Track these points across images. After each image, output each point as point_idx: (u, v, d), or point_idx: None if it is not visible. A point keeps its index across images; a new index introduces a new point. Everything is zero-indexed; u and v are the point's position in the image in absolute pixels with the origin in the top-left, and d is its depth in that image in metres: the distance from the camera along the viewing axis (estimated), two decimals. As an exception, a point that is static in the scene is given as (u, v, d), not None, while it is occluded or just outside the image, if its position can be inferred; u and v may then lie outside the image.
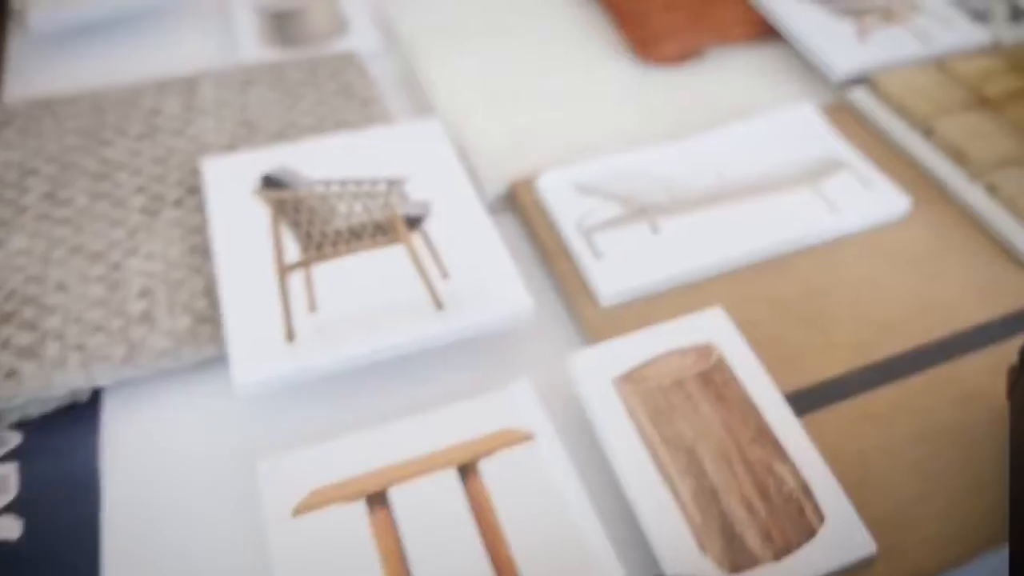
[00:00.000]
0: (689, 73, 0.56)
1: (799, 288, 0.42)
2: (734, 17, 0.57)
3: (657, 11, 0.57)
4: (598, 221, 0.44)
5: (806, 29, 0.55)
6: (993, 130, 0.48)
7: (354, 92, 0.52)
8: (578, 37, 0.58)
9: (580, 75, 0.55)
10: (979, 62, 0.53)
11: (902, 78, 0.52)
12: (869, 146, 0.50)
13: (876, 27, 0.56)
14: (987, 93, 0.50)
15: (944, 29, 0.57)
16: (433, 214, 0.43)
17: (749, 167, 0.47)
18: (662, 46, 0.55)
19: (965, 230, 0.45)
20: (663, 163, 0.47)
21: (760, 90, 0.55)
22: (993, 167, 0.46)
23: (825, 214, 0.44)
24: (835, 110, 0.53)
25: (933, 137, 0.48)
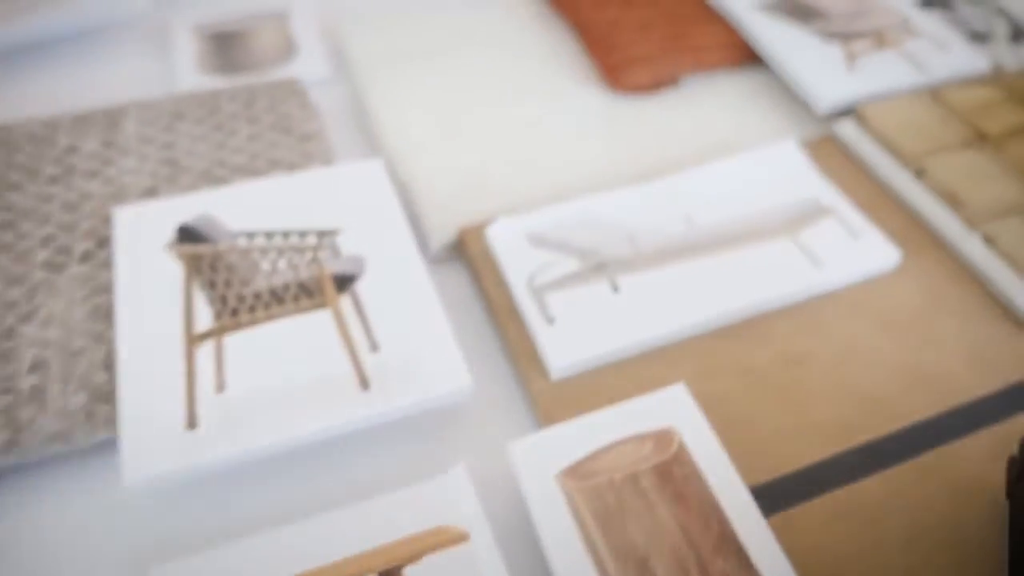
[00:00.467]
0: (663, 103, 0.51)
1: (774, 355, 0.37)
2: (713, 41, 0.53)
3: (628, 34, 0.53)
4: (551, 279, 0.39)
5: (790, 55, 0.51)
6: (991, 172, 0.44)
7: (293, 126, 0.47)
8: (543, 62, 0.54)
9: (543, 105, 0.51)
10: (977, 92, 0.49)
11: (893, 110, 0.47)
12: (856, 186, 0.45)
13: (867, 52, 0.52)
14: (985, 128, 0.46)
15: (940, 54, 0.52)
16: (367, 271, 0.38)
17: (723, 212, 0.42)
18: (633, 73, 0.51)
19: (961, 286, 0.40)
20: (629, 208, 0.42)
21: (740, 121, 0.50)
22: (991, 215, 0.42)
23: (806, 268, 0.40)
24: (821, 144, 0.48)
25: (925, 178, 0.44)
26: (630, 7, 0.55)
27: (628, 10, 0.55)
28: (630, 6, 0.55)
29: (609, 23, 0.53)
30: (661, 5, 0.55)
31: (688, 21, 0.54)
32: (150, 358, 0.34)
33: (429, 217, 0.44)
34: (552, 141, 0.48)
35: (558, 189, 0.45)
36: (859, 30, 0.53)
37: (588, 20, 0.54)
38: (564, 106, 0.51)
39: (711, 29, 0.54)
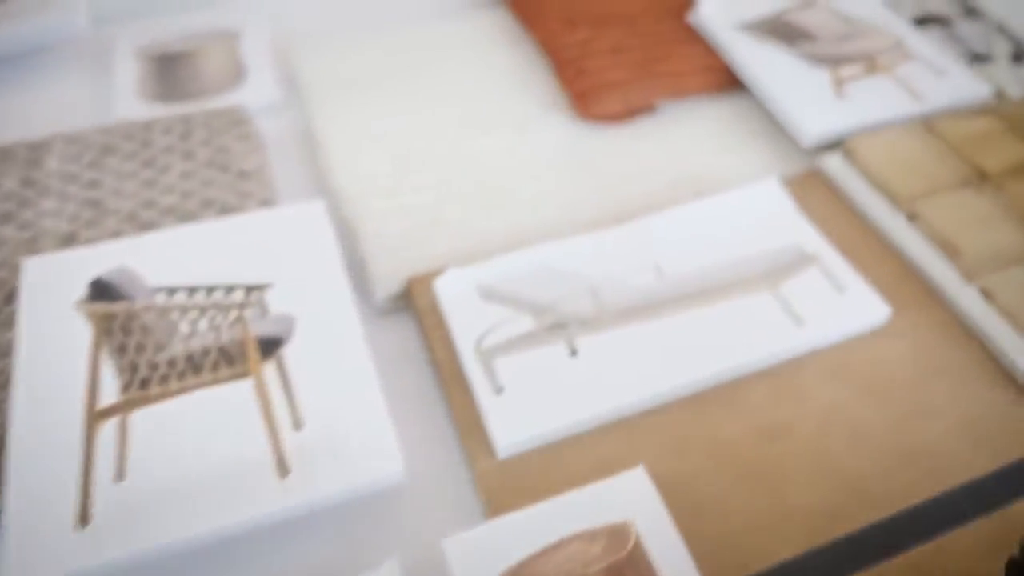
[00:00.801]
0: (636, 132, 0.47)
1: (748, 428, 0.34)
2: (691, 65, 0.49)
3: (600, 57, 0.49)
4: (502, 340, 0.35)
5: (774, 82, 0.47)
6: (991, 216, 0.40)
7: (231, 162, 0.43)
8: (510, 87, 0.50)
9: (507, 136, 0.47)
10: (976, 123, 0.45)
11: (884, 144, 0.44)
12: (843, 228, 0.41)
13: (857, 78, 0.48)
14: (985, 165, 0.42)
15: (937, 80, 0.48)
16: (297, 333, 0.35)
17: (697, 261, 0.39)
18: (603, 101, 0.47)
19: (956, 346, 0.37)
20: (593, 255, 0.39)
21: (720, 153, 0.46)
22: (990, 267, 0.38)
23: (786, 326, 0.36)
24: (806, 179, 0.44)
25: (918, 222, 0.40)
26: (603, 26, 0.51)
27: (601, 30, 0.51)
28: (603, 25, 0.51)
29: (579, 44, 0.50)
30: (637, 24, 0.52)
31: (665, 43, 0.50)
32: (46, 438, 0.31)
33: (375, 264, 0.40)
34: (514, 177, 0.44)
35: (518, 231, 0.42)
36: (849, 54, 0.49)
37: (557, 41, 0.50)
38: (530, 137, 0.47)
39: (690, 51, 0.50)
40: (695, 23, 0.52)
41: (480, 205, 0.43)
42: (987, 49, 0.56)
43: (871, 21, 0.52)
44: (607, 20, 0.52)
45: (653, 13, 0.53)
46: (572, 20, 0.51)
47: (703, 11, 0.51)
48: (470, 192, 0.43)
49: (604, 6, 0.53)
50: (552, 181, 0.44)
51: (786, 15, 0.52)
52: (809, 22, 0.51)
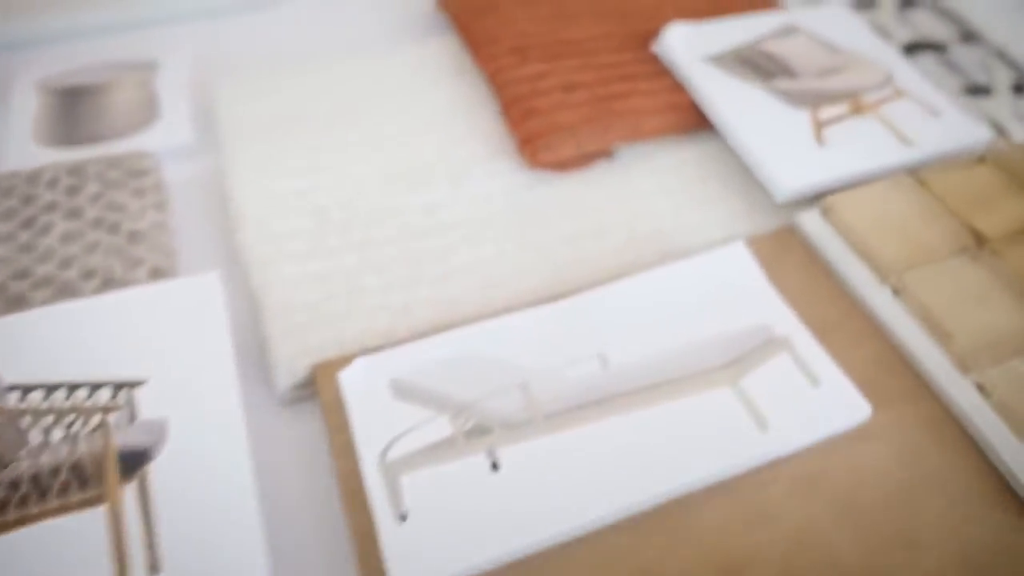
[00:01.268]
0: (591, 181, 0.42)
1: (699, 561, 0.28)
2: (655, 104, 0.43)
3: (551, 94, 0.43)
4: (411, 452, 0.30)
5: (746, 125, 0.41)
6: (988, 292, 0.34)
7: (123, 221, 0.38)
8: (450, 130, 0.45)
9: (444, 188, 0.41)
10: (973, 175, 0.40)
11: (867, 202, 0.38)
12: (819, 300, 0.36)
13: (840, 119, 0.42)
14: (982, 227, 0.37)
15: (930, 122, 0.43)
16: (170, 442, 0.29)
17: (647, 347, 0.33)
18: (554, 147, 0.41)
19: (949, 452, 0.31)
20: (529, 339, 0.33)
21: (685, 206, 0.41)
22: (987, 357, 0.32)
23: (749, 431, 0.31)
24: (780, 238, 0.39)
25: (904, 298, 0.35)
26: (558, 58, 0.46)
27: (555, 62, 0.45)
28: (558, 56, 0.46)
29: (530, 80, 0.44)
30: (596, 55, 0.46)
31: (627, 77, 0.45)
32: None
33: (279, 345, 0.35)
34: (447, 238, 0.39)
35: (447, 306, 0.36)
36: (832, 91, 0.44)
37: (505, 75, 0.45)
38: (468, 190, 0.41)
39: (654, 87, 0.44)
40: (661, 53, 0.46)
41: (406, 274, 0.37)
42: (986, 79, 0.51)
43: (858, 49, 0.47)
44: (562, 50, 0.46)
45: (615, 40, 0.47)
46: (524, 50, 0.46)
47: (669, 40, 0.46)
48: (395, 257, 0.38)
49: (560, 32, 0.47)
50: (490, 243, 0.39)
51: (763, 44, 0.47)
52: (789, 53, 0.46)
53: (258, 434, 0.32)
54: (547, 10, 0.49)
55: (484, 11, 0.49)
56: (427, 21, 0.53)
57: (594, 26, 0.48)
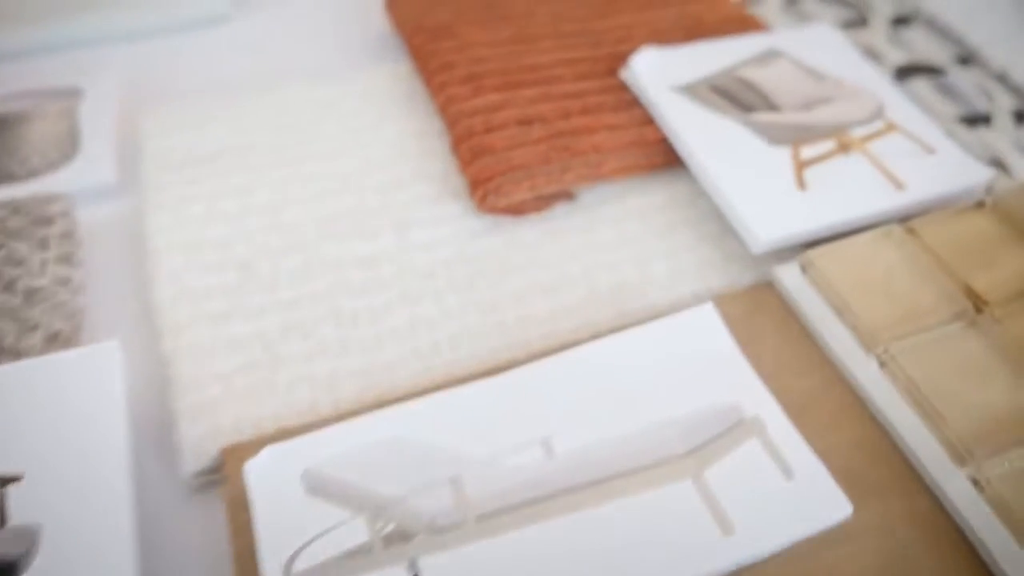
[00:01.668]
0: (548, 228, 0.38)
1: None
2: (621, 140, 0.39)
3: (506, 129, 0.39)
4: (320, 563, 0.26)
5: (720, 166, 0.37)
6: (987, 368, 0.30)
7: (20, 278, 0.34)
8: (395, 168, 0.40)
9: (385, 237, 0.37)
10: (971, 225, 0.36)
11: (852, 257, 0.34)
12: (797, 371, 0.32)
13: (825, 159, 0.38)
14: (980, 288, 0.33)
15: (925, 161, 0.39)
16: (42, 550, 0.26)
17: (598, 430, 0.29)
18: (506, 191, 0.37)
19: (941, 558, 0.27)
20: (464, 423, 0.29)
21: (652, 255, 0.37)
22: (985, 447, 0.28)
23: (710, 534, 0.27)
24: (755, 295, 0.35)
25: (891, 372, 0.31)
26: (515, 87, 0.42)
27: (512, 92, 0.41)
28: (516, 86, 0.42)
29: (483, 112, 0.40)
30: (558, 83, 0.42)
31: (590, 109, 0.41)
32: None
33: (186, 425, 0.31)
34: (385, 295, 0.35)
35: (379, 377, 0.32)
36: (816, 126, 0.40)
37: (456, 107, 0.41)
38: (412, 238, 0.37)
39: (620, 121, 0.40)
40: (629, 81, 0.42)
41: (334, 339, 0.34)
42: (986, 106, 0.47)
43: (846, 75, 0.43)
44: (521, 78, 0.42)
45: (581, 67, 0.43)
46: (478, 78, 0.42)
47: (637, 66, 0.42)
48: (323, 318, 0.34)
49: (520, 58, 0.43)
50: (431, 301, 0.35)
51: (742, 70, 0.43)
52: (769, 81, 0.42)
53: (159, 527, 0.29)
54: (507, 32, 0.45)
55: (438, 34, 0.45)
56: (383, 44, 0.49)
57: (558, 50, 0.44)
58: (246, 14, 0.52)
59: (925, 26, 0.53)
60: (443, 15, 0.46)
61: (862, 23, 0.52)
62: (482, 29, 0.45)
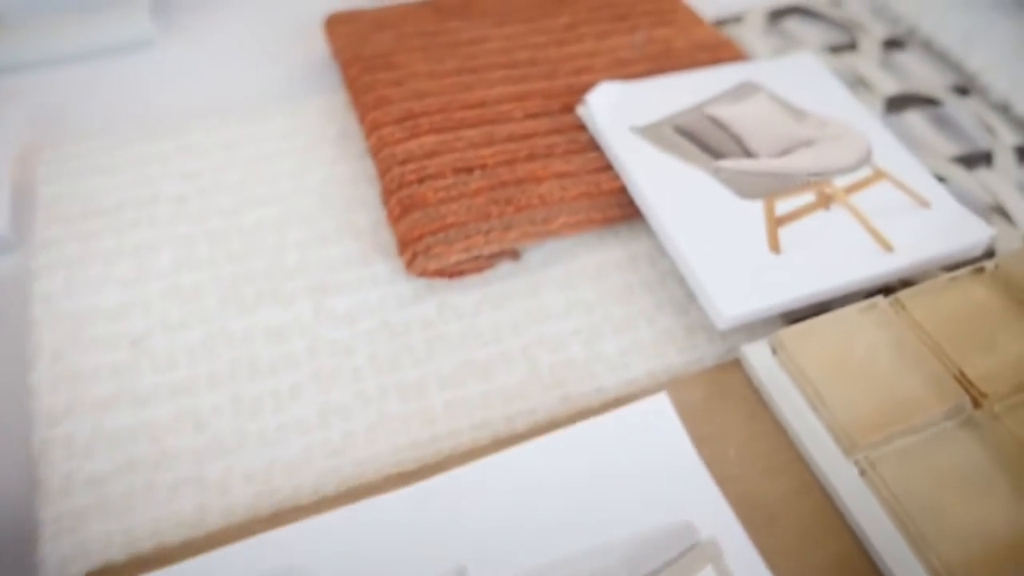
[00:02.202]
0: (489, 294, 0.33)
1: None
2: (572, 191, 0.35)
3: (442, 179, 0.35)
4: None
5: (681, 223, 0.33)
6: (983, 480, 0.26)
7: None
8: (321, 222, 0.36)
9: (297, 307, 0.33)
10: (969, 295, 0.31)
11: (830, 337, 0.30)
12: (766, 468, 0.28)
13: (804, 215, 0.34)
14: (977, 377, 0.28)
15: (917, 216, 0.34)
16: None
17: (525, 558, 0.25)
18: (437, 251, 0.33)
19: None
20: (370, 548, 0.25)
21: (603, 330, 0.32)
22: (980, 570, 0.24)
23: None
24: (720, 377, 0.30)
25: (873, 482, 0.26)
26: (456, 128, 0.37)
27: (453, 133, 0.37)
28: (457, 126, 0.37)
29: (418, 158, 0.35)
30: (506, 123, 0.37)
31: (538, 154, 0.36)
32: None
33: (49, 542, 0.26)
34: (294, 376, 0.31)
35: (278, 481, 0.28)
36: (794, 173, 0.35)
37: (388, 151, 0.36)
38: (334, 306, 0.33)
39: (573, 167, 0.36)
40: (585, 119, 0.38)
41: (232, 430, 0.29)
42: (987, 141, 0.42)
43: (831, 111, 0.38)
44: (464, 116, 0.37)
45: (533, 102, 0.39)
46: (416, 117, 0.37)
47: (593, 104, 0.37)
48: (220, 407, 0.30)
49: (465, 92, 0.39)
50: (347, 385, 0.30)
51: (712, 107, 0.38)
52: (743, 120, 0.37)
53: None
54: (453, 62, 0.40)
55: (376, 63, 0.40)
56: (325, 72, 0.45)
57: (509, 83, 0.40)
58: (173, 38, 0.47)
59: (920, 49, 0.48)
60: (384, 41, 0.42)
61: (851, 47, 0.47)
62: (425, 58, 0.41)
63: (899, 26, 0.49)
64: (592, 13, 0.45)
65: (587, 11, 0.45)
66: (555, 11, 0.45)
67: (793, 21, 0.49)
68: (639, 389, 0.30)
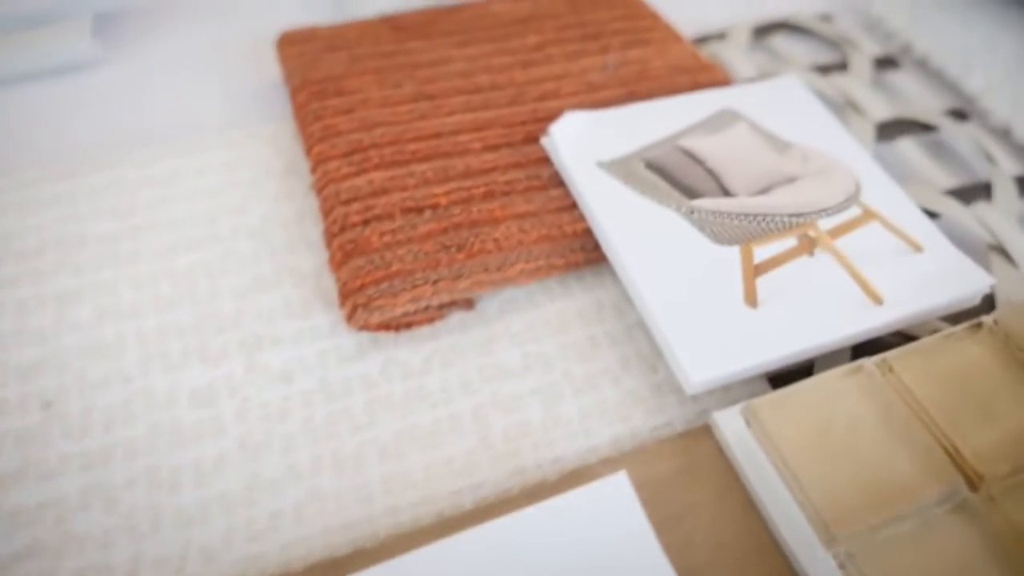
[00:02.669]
0: (438, 348, 0.31)
1: None
2: (532, 233, 0.32)
3: (387, 219, 0.32)
4: None
5: (649, 274, 0.30)
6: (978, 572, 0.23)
7: None
8: (258, 265, 0.33)
9: (233, 359, 0.30)
10: (965, 355, 0.28)
11: (809, 408, 0.27)
12: (735, 556, 0.25)
13: (785, 262, 0.31)
14: (969, 454, 0.25)
15: (910, 262, 0.31)
16: None
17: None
18: (381, 303, 0.30)
19: None
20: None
21: (562, 391, 0.30)
22: None
23: None
24: (689, 446, 0.28)
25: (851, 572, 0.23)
26: (408, 162, 0.34)
27: (404, 168, 0.34)
28: (408, 160, 0.34)
29: (364, 197, 0.32)
30: (463, 156, 0.34)
31: (496, 191, 0.33)
32: None
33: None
34: (217, 445, 0.28)
35: (195, 571, 0.25)
36: (775, 213, 0.32)
37: (333, 188, 0.33)
38: (267, 363, 0.30)
39: (534, 206, 0.33)
40: (550, 152, 0.35)
41: (146, 508, 0.26)
42: (986, 171, 0.39)
43: (817, 141, 0.35)
44: (417, 149, 0.34)
45: (494, 132, 0.36)
46: (365, 150, 0.34)
47: (558, 135, 0.34)
48: (136, 478, 0.27)
49: (421, 120, 0.36)
50: (278, 455, 0.28)
51: (687, 138, 0.35)
52: (720, 153, 0.34)
53: None
54: (410, 88, 0.37)
55: (326, 89, 0.37)
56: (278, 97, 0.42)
57: (469, 110, 0.37)
58: (120, 57, 0.44)
59: (915, 68, 0.45)
60: (337, 64, 0.39)
61: (841, 67, 0.44)
62: (380, 82, 0.38)
63: (892, 43, 0.46)
64: (562, 32, 0.42)
65: (557, 30, 0.42)
66: (522, 31, 0.42)
67: (780, 38, 0.46)
68: (600, 460, 0.27)
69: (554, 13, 0.43)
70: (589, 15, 0.43)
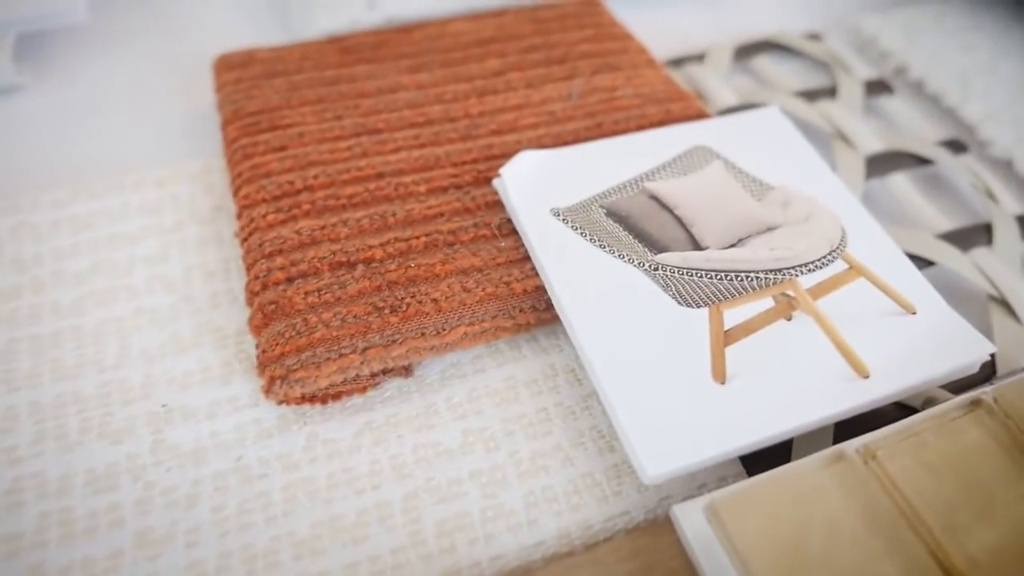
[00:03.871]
0: (370, 422, 0.27)
1: None
2: (477, 292, 0.28)
3: (314, 276, 0.28)
4: None
5: (603, 349, 0.26)
6: None
7: None
8: (175, 324, 0.30)
9: (139, 435, 0.27)
10: (958, 439, 0.25)
11: (779, 504, 0.23)
12: None
13: (760, 328, 0.27)
14: (962, 562, 0.22)
15: (899, 327, 0.28)
16: None
17: None
18: (303, 375, 0.26)
19: None
20: None
21: (497, 474, 0.26)
22: None
23: None
24: (650, 540, 0.24)
25: None
26: (344, 208, 0.31)
27: (338, 215, 0.30)
28: (345, 206, 0.31)
29: (291, 248, 0.29)
30: (405, 200, 0.31)
31: (439, 242, 0.30)
32: None
33: None
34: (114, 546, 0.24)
35: None
36: (752, 270, 0.29)
37: (256, 239, 0.30)
38: (176, 441, 0.26)
39: (480, 260, 0.29)
40: (501, 195, 0.31)
41: (13, 629, 0.23)
42: (985, 210, 0.36)
43: (799, 181, 0.32)
44: (353, 192, 0.31)
45: (439, 173, 0.32)
46: (295, 194, 0.31)
47: (510, 178, 0.31)
48: (43, 563, 0.24)
49: (363, 159, 0.32)
50: (180, 551, 0.24)
51: (654, 180, 0.32)
52: (689, 198, 0.31)
53: None
54: (352, 120, 0.34)
55: (259, 122, 0.34)
56: (211, 128, 0.38)
57: (415, 146, 0.33)
58: (41, 82, 0.40)
59: (909, 93, 0.42)
60: (274, 92, 0.35)
61: (830, 93, 0.41)
62: (319, 115, 0.34)
63: (886, 65, 0.43)
64: (525, 55, 0.38)
65: (520, 52, 0.38)
66: (482, 54, 0.38)
67: (764, 59, 0.43)
68: (545, 558, 0.24)
69: (518, 34, 0.40)
70: (556, 36, 0.40)
